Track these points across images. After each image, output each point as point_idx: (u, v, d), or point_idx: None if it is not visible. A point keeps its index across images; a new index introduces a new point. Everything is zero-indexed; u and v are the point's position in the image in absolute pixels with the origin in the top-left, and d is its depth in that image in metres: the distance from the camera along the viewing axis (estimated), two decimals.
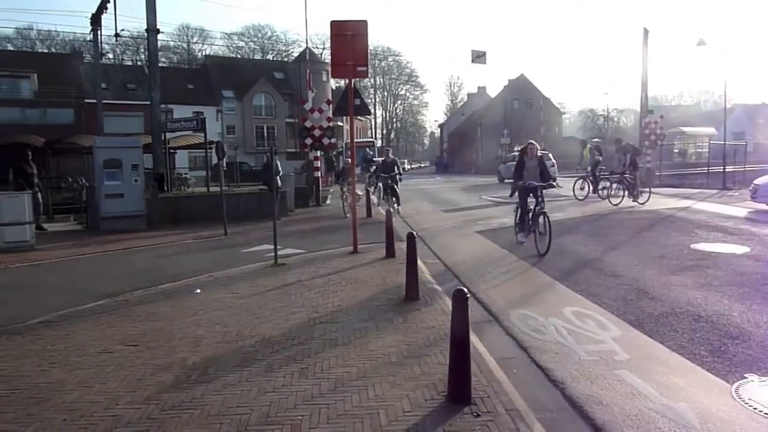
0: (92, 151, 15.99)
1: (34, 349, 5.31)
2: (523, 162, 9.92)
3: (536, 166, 9.82)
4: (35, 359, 5.02)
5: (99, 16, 24.36)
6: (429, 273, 8.07)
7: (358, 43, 9.39)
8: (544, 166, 9.93)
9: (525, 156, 9.93)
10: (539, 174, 9.77)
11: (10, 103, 40.15)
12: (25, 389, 4.36)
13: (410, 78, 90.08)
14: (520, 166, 9.93)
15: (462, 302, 3.95)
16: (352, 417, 3.77)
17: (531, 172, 9.81)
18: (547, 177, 9.76)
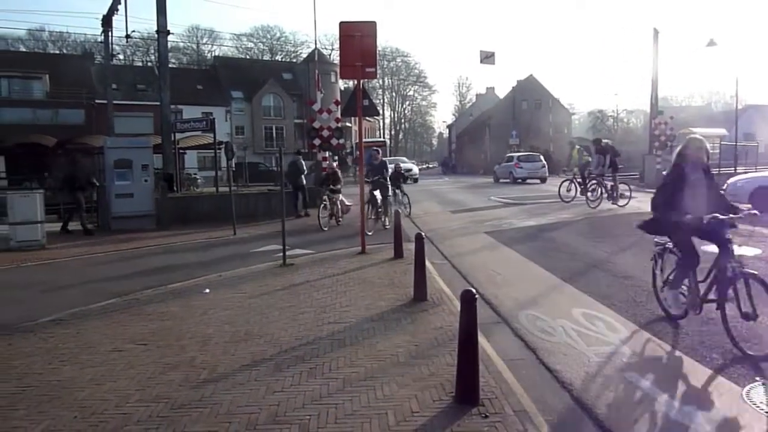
0: (103, 151, 16.12)
1: (46, 347, 5.36)
2: (684, 174, 5.32)
3: (706, 182, 5.39)
4: (46, 357, 5.07)
5: (110, 17, 24.54)
6: (437, 274, 8.06)
7: (366, 44, 9.41)
8: (712, 181, 5.50)
9: (685, 164, 5.36)
10: (713, 197, 5.35)
11: (22, 103, 40.54)
12: (37, 386, 4.41)
13: (419, 79, 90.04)
14: (679, 183, 5.32)
15: (470, 303, 3.95)
16: (360, 417, 3.78)
17: (697, 193, 5.27)
18: (725, 202, 5.38)
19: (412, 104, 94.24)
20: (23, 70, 42.13)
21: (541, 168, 30.90)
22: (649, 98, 26.95)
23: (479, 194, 23.44)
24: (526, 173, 30.96)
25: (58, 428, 3.72)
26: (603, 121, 76.71)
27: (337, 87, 55.71)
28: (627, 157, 37.22)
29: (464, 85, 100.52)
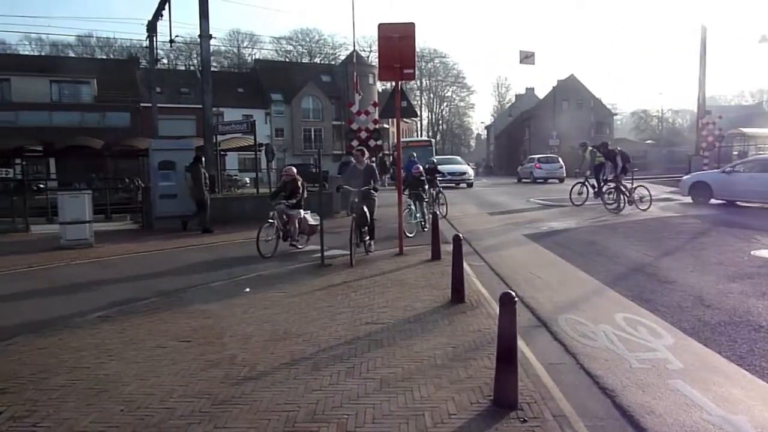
0: (147, 153, 16.59)
1: (93, 342, 5.54)
2: None
3: None
4: (94, 352, 5.24)
5: (155, 23, 25.31)
6: (475, 276, 8.01)
7: (405, 45, 9.43)
8: None
9: None
10: None
11: (71, 107, 42.07)
12: (85, 380, 4.57)
13: (457, 79, 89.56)
14: None
15: (509, 306, 3.91)
16: (398, 418, 3.79)
17: None
18: None
19: (449, 105, 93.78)
20: (72, 75, 43.73)
21: (558, 169, 32.93)
22: (696, 97, 26.16)
23: (518, 196, 23.16)
24: (545, 173, 33.21)
25: (106, 421, 3.85)
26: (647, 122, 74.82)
27: (375, 89, 55.90)
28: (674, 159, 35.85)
29: (503, 85, 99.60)
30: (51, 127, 37.91)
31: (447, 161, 31.04)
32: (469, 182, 30.18)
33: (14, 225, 15.73)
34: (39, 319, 6.54)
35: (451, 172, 28.74)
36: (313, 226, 10.73)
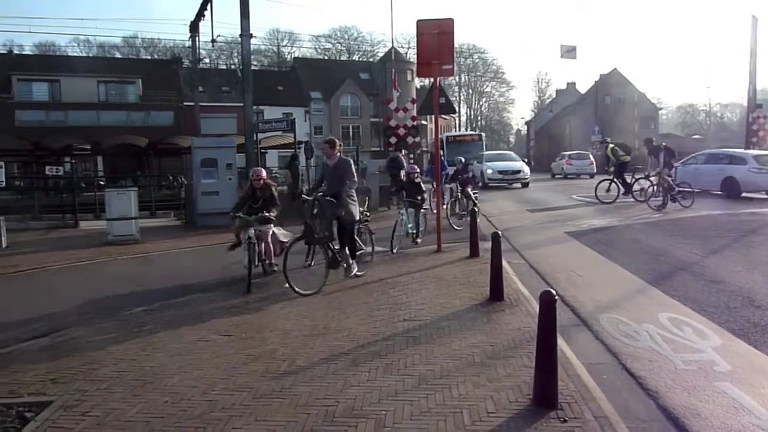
0: (190, 150, 16.96)
1: (139, 335, 5.72)
2: None
3: None
4: (140, 344, 5.41)
5: (197, 23, 25.82)
6: (514, 274, 7.92)
7: (443, 41, 9.38)
8: None
9: None
10: None
11: (118, 107, 43.39)
12: (131, 372, 4.72)
13: (496, 75, 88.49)
14: None
15: (549, 304, 3.86)
16: (436, 415, 3.79)
17: None
18: None
19: (489, 101, 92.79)
20: (119, 76, 45.07)
21: (588, 165, 33.41)
22: (747, 90, 25.19)
23: (559, 192, 22.74)
24: (576, 170, 33.66)
25: (151, 411, 3.97)
26: (694, 116, 72.50)
27: (413, 85, 55.77)
28: None
29: (543, 80, 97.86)
30: (98, 126, 39.17)
31: (498, 157, 28.23)
32: (524, 181, 25.55)
33: (64, 221, 16.33)
34: (88, 312, 6.79)
35: (503, 170, 25.66)
36: (283, 243, 8.32)
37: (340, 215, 7.65)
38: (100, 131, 35.92)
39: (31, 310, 7.16)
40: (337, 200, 7.52)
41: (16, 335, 5.91)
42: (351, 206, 7.71)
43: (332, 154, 7.81)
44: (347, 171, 7.71)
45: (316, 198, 7.69)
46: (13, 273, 9.63)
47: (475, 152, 29.26)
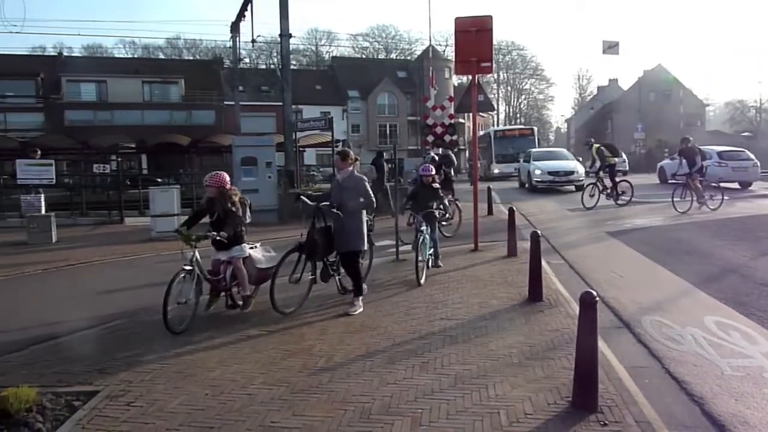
0: (231, 149, 17.27)
1: (182, 329, 5.83)
2: None
3: None
4: (182, 338, 5.53)
5: (238, 24, 26.26)
6: (553, 274, 7.80)
7: (482, 38, 9.30)
8: None
9: None
10: None
11: (161, 106, 44.58)
12: (174, 364, 4.84)
13: (535, 72, 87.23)
14: None
15: (590, 306, 3.79)
16: (472, 414, 3.77)
17: None
18: None
19: (528, 98, 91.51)
20: (162, 76, 46.31)
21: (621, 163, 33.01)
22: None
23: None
24: None
25: (192, 403, 4.06)
26: (743, 113, 69.90)
27: (451, 83, 55.47)
28: None
29: (584, 77, 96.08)
30: (143, 125, 40.31)
31: (548, 155, 24.04)
32: (578, 184, 20.86)
33: (110, 217, 16.84)
34: (133, 306, 6.99)
35: (554, 171, 21.37)
36: (264, 270, 6.41)
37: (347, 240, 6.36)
38: (144, 130, 36.94)
39: (79, 302, 7.43)
40: (343, 213, 6.25)
41: (66, 327, 6.13)
42: (358, 232, 6.42)
43: (344, 167, 6.56)
44: (359, 188, 6.42)
45: (318, 207, 6.49)
46: (62, 267, 10.00)
47: (527, 148, 27.81)
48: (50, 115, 41.85)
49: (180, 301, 5.67)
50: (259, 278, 6.43)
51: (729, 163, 20.52)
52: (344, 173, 6.57)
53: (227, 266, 6.24)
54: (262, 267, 6.41)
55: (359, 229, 6.44)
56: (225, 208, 6.20)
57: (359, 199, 6.35)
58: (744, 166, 20.77)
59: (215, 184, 6.23)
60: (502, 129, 39.28)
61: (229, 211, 6.17)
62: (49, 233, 12.77)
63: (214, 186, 6.22)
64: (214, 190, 6.24)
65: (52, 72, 43.62)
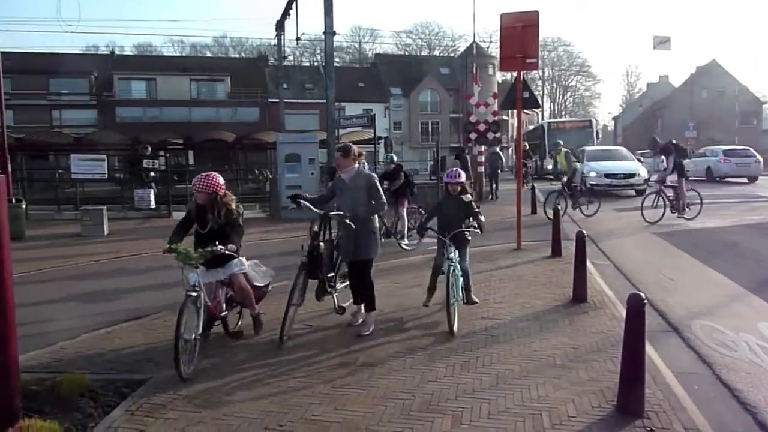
0: (275, 146, 17.54)
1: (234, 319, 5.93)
2: None
3: None
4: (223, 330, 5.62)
5: (282, 22, 26.60)
6: (598, 275, 7.63)
7: (528, 34, 9.18)
8: None
9: None
10: None
11: (208, 103, 45.58)
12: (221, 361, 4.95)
13: (582, 68, 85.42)
14: None
15: (638, 308, 3.70)
16: (514, 415, 3.73)
17: None
18: None
19: (573, 95, 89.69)
20: (209, 74, 47.35)
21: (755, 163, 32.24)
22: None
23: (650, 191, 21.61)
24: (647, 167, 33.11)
25: (235, 393, 4.15)
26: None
27: (495, 80, 54.81)
28: None
29: (633, 73, 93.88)
30: (190, 122, 41.29)
31: (604, 155, 20.62)
32: (639, 188, 18.21)
33: (159, 211, 17.32)
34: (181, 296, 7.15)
35: (612, 173, 18.51)
36: (260, 288, 5.55)
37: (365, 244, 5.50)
38: (191, 127, 37.84)
39: (129, 292, 7.68)
40: (355, 224, 5.37)
41: (117, 316, 6.35)
42: (372, 237, 5.60)
43: (347, 165, 5.61)
44: (369, 188, 5.55)
45: (327, 215, 5.66)
46: (114, 258, 10.35)
47: (583, 142, 26.03)
48: (103, 112, 43.36)
49: (186, 338, 4.42)
50: (258, 297, 5.49)
51: (732, 160, 23.36)
52: (349, 171, 5.60)
53: (223, 287, 5.20)
54: (258, 284, 5.48)
55: (373, 235, 5.62)
56: (223, 217, 4.99)
57: (369, 201, 5.50)
58: (746, 162, 23.27)
59: (207, 189, 4.92)
60: (556, 121, 37.30)
61: (230, 220, 5.02)
62: (101, 226, 13.22)
63: (206, 192, 4.93)
64: (206, 197, 4.97)
65: (104, 70, 45.15)
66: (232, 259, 5.09)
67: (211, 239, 4.86)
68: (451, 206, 6.06)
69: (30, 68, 38.58)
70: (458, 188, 6.06)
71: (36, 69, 40.04)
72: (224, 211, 5.00)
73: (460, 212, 6.01)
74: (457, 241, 5.84)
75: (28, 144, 26.93)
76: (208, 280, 5.01)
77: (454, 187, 6.06)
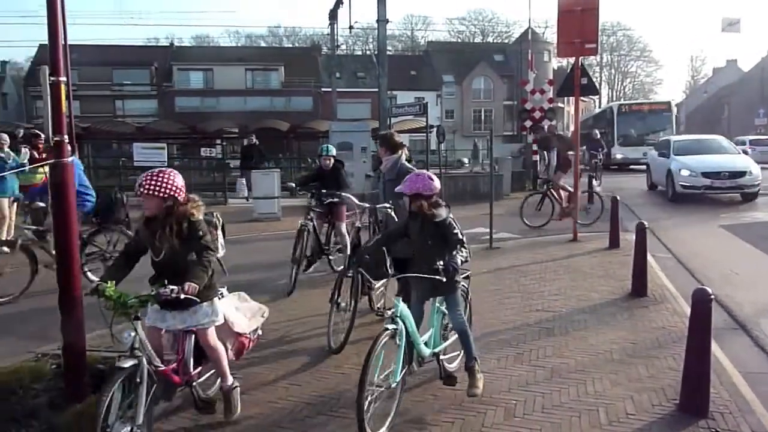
0: (327, 134, 17.69)
1: (278, 308, 6.03)
2: None
3: None
4: (283, 319, 5.71)
5: (336, 11, 26.67)
6: (659, 268, 7.33)
7: (587, 18, 8.87)
8: None
9: None
10: None
11: (262, 93, 46.39)
12: (274, 339, 5.04)
13: (642, 53, 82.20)
14: None
15: (703, 304, 3.54)
16: (569, 410, 3.65)
17: None
18: None
19: (633, 81, 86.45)
20: (264, 64, 48.11)
21: None
22: None
23: None
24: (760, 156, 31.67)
25: (290, 378, 4.22)
26: None
27: (550, 66, 53.49)
28: None
29: (698, 58, 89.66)
30: (245, 111, 42.06)
31: (697, 146, 15.14)
32: (750, 191, 13.29)
33: (215, 198, 17.79)
34: (238, 282, 7.31)
35: (712, 171, 13.14)
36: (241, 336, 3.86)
37: None
38: (246, 116, 38.54)
39: None
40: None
41: None
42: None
43: (386, 155, 5.31)
44: None
45: (374, 207, 5.33)
46: None
47: (660, 127, 23.95)
48: (163, 102, 44.79)
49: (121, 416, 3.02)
50: (238, 349, 3.83)
51: (757, 148, 24.75)
52: (387, 162, 5.29)
53: (187, 339, 3.46)
54: (240, 330, 3.81)
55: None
56: (181, 237, 3.30)
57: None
58: None
59: (158, 192, 3.23)
60: (627, 103, 31.97)
61: (193, 241, 3.32)
62: None
63: (156, 196, 3.24)
64: (157, 204, 3.28)
65: (164, 61, 46.55)
66: (200, 303, 3.37)
67: (169, 271, 3.29)
68: (416, 231, 3.84)
69: (95, 60, 40.19)
70: (422, 204, 3.72)
71: (100, 61, 41.69)
72: (185, 227, 3.29)
73: (428, 240, 3.77)
74: (431, 284, 3.63)
75: (93, 133, 28.16)
76: (167, 327, 3.42)
77: (417, 203, 3.73)
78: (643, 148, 23.20)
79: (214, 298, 3.51)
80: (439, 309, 3.91)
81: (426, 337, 3.79)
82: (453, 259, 3.54)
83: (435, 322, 3.90)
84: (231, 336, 3.76)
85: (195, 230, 3.32)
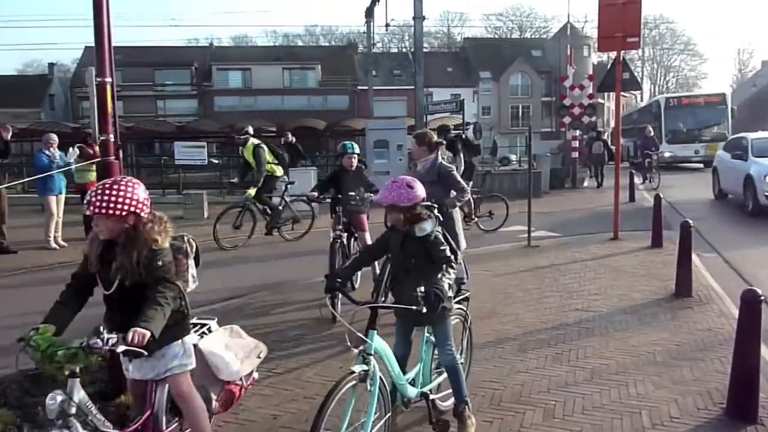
0: (363, 132, 17.76)
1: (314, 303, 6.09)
2: None
3: None
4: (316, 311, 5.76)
5: (372, 8, 26.73)
6: (704, 268, 7.13)
7: (629, 11, 8.69)
8: None
9: None
10: None
11: (299, 92, 46.86)
12: (312, 335, 5.09)
13: (686, 47, 79.77)
14: None
15: (753, 305, 3.43)
16: (610, 412, 3.58)
17: None
18: None
19: (677, 76, 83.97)
20: (300, 63, 48.62)
21: None
22: None
23: None
24: None
25: (325, 374, 4.26)
26: None
27: (590, 61, 52.42)
28: None
29: (745, 51, 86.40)
30: (282, 110, 42.61)
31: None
32: None
33: None
34: (273, 279, 7.44)
35: None
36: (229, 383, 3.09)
37: None
38: (283, 115, 39.01)
39: (225, 273, 8.05)
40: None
41: (215, 297, 6.67)
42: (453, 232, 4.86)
43: (421, 155, 5.19)
44: (448, 179, 5.07)
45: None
46: (210, 241, 10.88)
47: (714, 122, 22.31)
48: (202, 102, 45.71)
49: None
50: (226, 400, 3.12)
51: None
52: (425, 162, 5.11)
53: (158, 390, 2.78)
54: (226, 380, 3.07)
55: (455, 228, 5.18)
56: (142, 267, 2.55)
57: (447, 193, 4.89)
58: None
59: (113, 210, 2.49)
60: (676, 96, 29.36)
61: (152, 271, 2.57)
62: (202, 209, 13.99)
63: (110, 215, 2.50)
64: (111, 226, 2.55)
65: (204, 61, 47.49)
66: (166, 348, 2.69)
67: (124, 309, 2.58)
68: (396, 247, 3.26)
69: (137, 61, 41.27)
70: (400, 216, 3.15)
71: (143, 62, 42.80)
72: (144, 255, 2.54)
73: (411, 258, 3.19)
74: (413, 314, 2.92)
75: (136, 132, 28.92)
76: (143, 377, 2.74)
77: (393, 215, 3.19)
78: (694, 145, 22.59)
79: (181, 338, 2.76)
80: (429, 339, 3.32)
81: (412, 374, 3.20)
82: (437, 283, 2.91)
83: (424, 355, 3.32)
84: (216, 383, 3.02)
85: (154, 259, 2.55)
